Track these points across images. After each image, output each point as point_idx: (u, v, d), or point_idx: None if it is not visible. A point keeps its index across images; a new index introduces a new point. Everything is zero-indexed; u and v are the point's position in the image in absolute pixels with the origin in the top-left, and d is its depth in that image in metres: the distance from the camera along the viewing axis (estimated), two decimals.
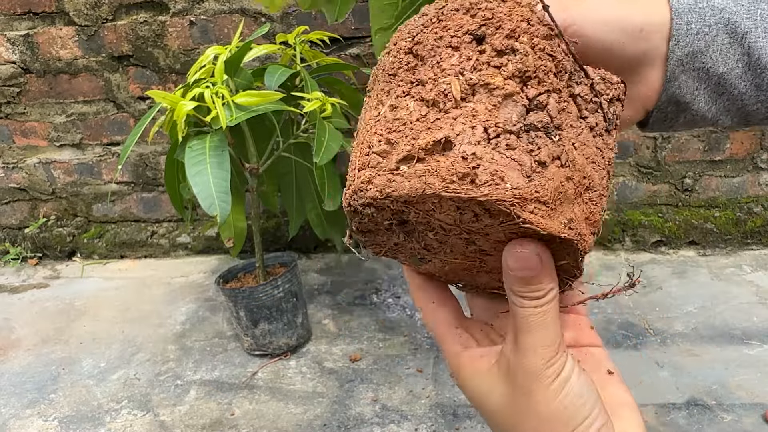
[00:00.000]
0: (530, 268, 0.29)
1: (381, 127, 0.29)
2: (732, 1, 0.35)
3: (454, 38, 0.29)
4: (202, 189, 1.14)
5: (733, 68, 0.36)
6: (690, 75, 0.36)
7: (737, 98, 0.37)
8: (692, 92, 0.37)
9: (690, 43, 0.35)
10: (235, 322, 1.53)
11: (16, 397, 1.48)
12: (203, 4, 1.83)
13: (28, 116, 2.07)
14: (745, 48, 0.35)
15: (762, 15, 0.34)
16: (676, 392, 1.30)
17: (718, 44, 0.35)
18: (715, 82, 0.36)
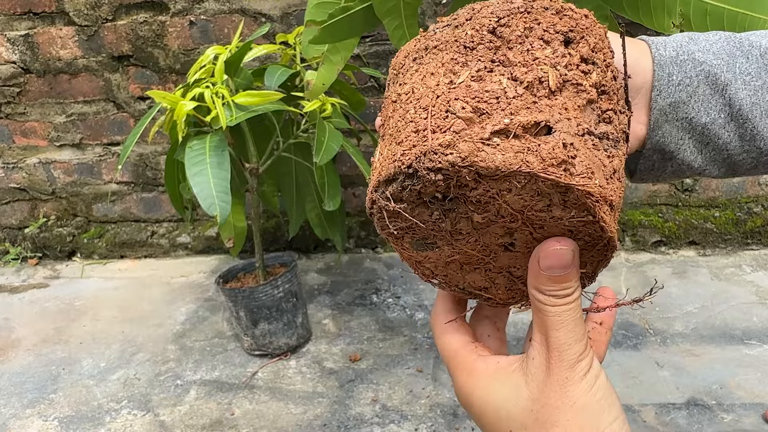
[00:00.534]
0: (564, 265, 0.31)
1: (463, 94, 0.29)
2: (712, 55, 0.36)
3: (546, 33, 0.30)
4: (202, 189, 1.14)
5: (715, 118, 0.37)
6: (673, 125, 0.37)
7: (722, 148, 0.38)
8: (677, 141, 0.38)
9: (672, 93, 0.37)
10: (235, 322, 1.53)
11: (16, 397, 1.48)
12: (203, 4, 1.83)
13: (28, 116, 2.07)
14: (726, 99, 0.36)
15: (740, 68, 0.36)
16: (676, 392, 1.30)
17: (699, 95, 0.36)
18: (699, 131, 0.37)
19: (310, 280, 1.91)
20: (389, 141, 0.31)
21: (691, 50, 0.37)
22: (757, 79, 0.36)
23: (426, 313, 1.67)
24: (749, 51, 0.36)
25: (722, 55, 0.36)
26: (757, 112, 0.36)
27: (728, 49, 0.37)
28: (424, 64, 0.32)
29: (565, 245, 0.31)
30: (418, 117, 0.29)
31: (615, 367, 1.39)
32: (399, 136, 0.30)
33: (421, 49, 0.33)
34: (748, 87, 0.36)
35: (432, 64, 0.31)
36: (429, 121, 0.29)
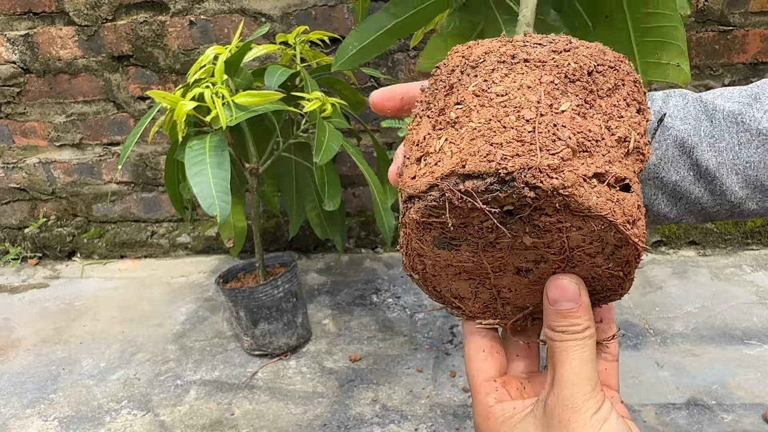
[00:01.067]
0: (570, 299, 0.32)
1: (570, 125, 0.29)
2: (680, 121, 0.39)
3: (629, 97, 0.33)
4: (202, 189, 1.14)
5: (685, 176, 0.39)
6: (646, 183, 0.40)
7: (695, 202, 0.40)
8: (649, 197, 0.40)
9: None
10: (235, 322, 1.53)
11: (16, 397, 1.48)
12: (203, 4, 1.83)
13: (28, 116, 2.07)
14: (693, 159, 0.39)
15: (705, 132, 0.39)
16: (676, 392, 1.30)
17: (668, 157, 0.39)
18: (670, 188, 0.40)
19: (310, 280, 1.91)
20: (472, 133, 0.30)
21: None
22: (720, 141, 0.38)
23: (426, 314, 1.67)
24: (713, 114, 0.39)
25: (689, 119, 0.39)
26: (724, 170, 0.38)
27: (694, 113, 0.39)
28: (517, 73, 0.32)
29: (572, 279, 0.32)
30: (521, 126, 0.29)
31: None
32: (492, 136, 0.29)
33: (507, 54, 0.33)
34: (713, 148, 0.38)
35: (529, 78, 0.31)
36: (536, 137, 0.29)
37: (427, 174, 0.30)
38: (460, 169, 0.29)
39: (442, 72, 0.35)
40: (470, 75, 0.33)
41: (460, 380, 1.39)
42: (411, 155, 0.32)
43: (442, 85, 0.34)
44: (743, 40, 1.65)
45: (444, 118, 0.32)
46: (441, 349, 1.52)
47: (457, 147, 0.30)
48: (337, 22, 1.79)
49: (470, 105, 0.31)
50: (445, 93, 0.33)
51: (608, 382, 0.37)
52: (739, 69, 1.69)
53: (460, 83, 0.33)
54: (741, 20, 1.63)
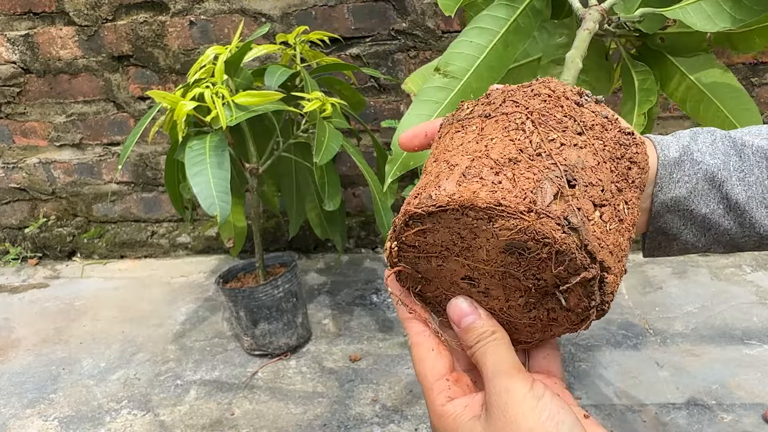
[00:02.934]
0: (469, 314, 0.36)
1: (598, 168, 0.33)
2: (710, 156, 0.41)
3: (621, 167, 0.35)
4: (202, 189, 1.14)
5: (714, 209, 0.41)
6: (675, 214, 0.41)
7: (724, 233, 0.41)
8: (678, 228, 0.42)
9: (672, 189, 0.41)
10: (235, 322, 1.53)
11: (16, 397, 1.48)
12: (203, 4, 1.83)
13: (28, 116, 2.07)
14: (723, 193, 0.40)
15: (734, 166, 0.40)
16: (676, 392, 1.30)
17: (698, 191, 0.41)
18: (699, 220, 0.41)
19: (310, 280, 1.91)
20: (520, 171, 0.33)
21: (691, 150, 0.41)
22: (749, 175, 0.40)
23: None
24: (742, 150, 0.40)
25: (718, 154, 0.40)
26: (753, 204, 0.40)
27: (723, 149, 0.41)
28: (563, 121, 0.36)
29: (464, 299, 0.36)
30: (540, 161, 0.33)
31: (615, 367, 1.39)
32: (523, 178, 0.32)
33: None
34: (742, 183, 0.40)
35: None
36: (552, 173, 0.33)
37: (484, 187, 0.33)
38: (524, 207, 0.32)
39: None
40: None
41: None
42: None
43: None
44: None
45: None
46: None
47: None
48: (337, 22, 1.79)
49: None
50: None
51: (550, 368, 0.39)
52: (739, 69, 1.69)
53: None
54: None
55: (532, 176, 0.31)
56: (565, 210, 0.30)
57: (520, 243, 0.31)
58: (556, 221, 0.30)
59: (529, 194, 0.30)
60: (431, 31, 1.76)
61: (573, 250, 0.30)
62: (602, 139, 0.34)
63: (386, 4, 1.76)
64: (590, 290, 0.32)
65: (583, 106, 0.35)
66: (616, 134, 0.35)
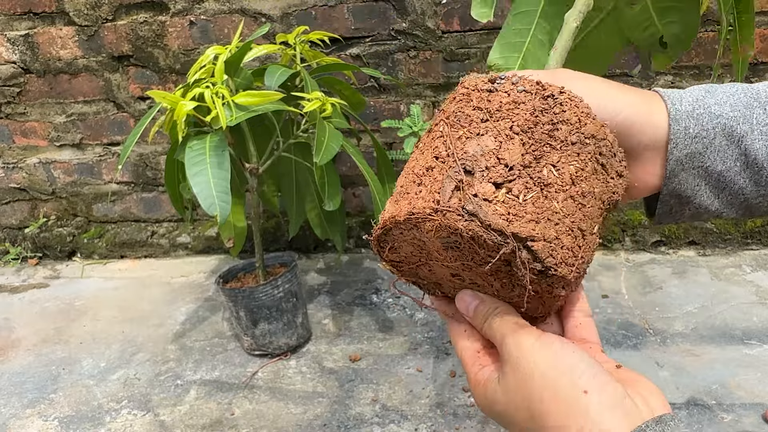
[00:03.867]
0: (473, 301, 0.39)
1: (502, 148, 0.35)
2: (729, 107, 0.38)
3: (539, 133, 0.36)
4: (202, 189, 1.14)
5: (731, 166, 0.39)
6: (690, 173, 0.39)
7: (738, 193, 0.39)
8: (693, 188, 0.40)
9: (688, 145, 0.38)
10: (235, 322, 1.53)
11: (16, 397, 1.48)
12: (203, 4, 1.83)
13: (28, 116, 2.07)
14: (741, 149, 0.38)
15: (758, 119, 0.37)
16: (676, 392, 1.30)
17: (715, 146, 0.38)
18: (715, 178, 0.39)
19: (310, 280, 1.91)
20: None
21: (707, 103, 0.38)
22: None
23: (426, 313, 1.67)
24: (766, 102, 0.38)
25: (739, 107, 0.38)
26: None
27: (745, 101, 0.38)
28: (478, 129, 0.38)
29: (465, 292, 0.39)
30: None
31: None
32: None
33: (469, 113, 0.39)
34: (764, 137, 0.37)
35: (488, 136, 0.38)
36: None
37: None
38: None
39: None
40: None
41: (460, 380, 1.39)
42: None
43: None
44: None
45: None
46: (441, 349, 1.52)
47: None
48: (337, 22, 1.79)
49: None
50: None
51: (584, 336, 0.39)
52: None
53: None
54: None
55: (439, 178, 0.34)
56: (461, 200, 0.33)
57: (446, 239, 0.34)
58: (456, 213, 0.32)
59: (435, 195, 0.33)
60: (431, 31, 1.76)
61: (480, 233, 0.32)
62: (511, 117, 0.35)
63: (386, 4, 1.76)
64: (523, 260, 0.33)
65: (497, 91, 0.36)
66: (534, 104, 0.35)
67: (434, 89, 1.84)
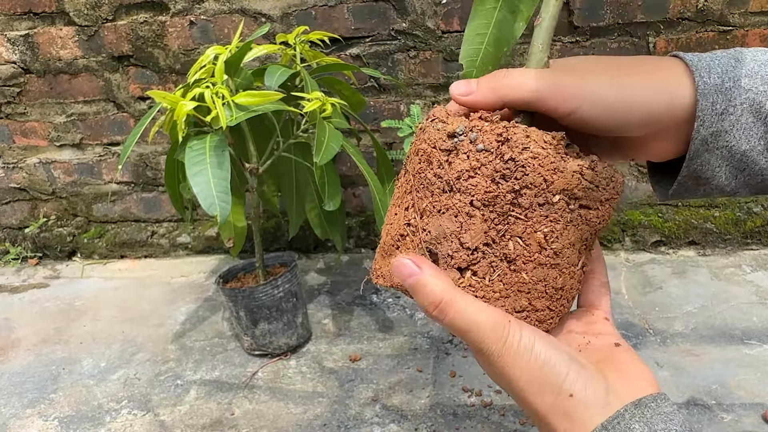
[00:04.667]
0: (410, 274, 0.34)
1: (463, 228, 0.35)
2: (760, 80, 0.35)
3: (501, 203, 0.35)
4: (202, 189, 1.14)
5: (755, 146, 0.36)
6: (713, 153, 0.37)
7: (758, 174, 0.37)
8: (713, 169, 0.37)
9: (714, 123, 0.35)
10: (235, 322, 1.53)
11: (16, 396, 1.48)
12: (203, 4, 1.83)
13: (28, 116, 2.08)
14: (767, 127, 0.35)
15: None
16: (676, 392, 1.30)
17: (742, 124, 0.35)
18: (737, 159, 0.37)
19: (310, 280, 1.92)
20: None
21: (737, 76, 0.35)
22: None
23: None
24: None
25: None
26: None
27: None
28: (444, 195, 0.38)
29: (402, 257, 0.35)
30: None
31: None
32: None
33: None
34: None
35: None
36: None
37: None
38: None
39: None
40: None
41: (460, 380, 1.39)
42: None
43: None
44: (743, 40, 1.66)
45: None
46: (441, 349, 1.52)
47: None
48: (337, 22, 1.79)
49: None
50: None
51: (595, 302, 0.39)
52: None
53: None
54: (741, 20, 1.63)
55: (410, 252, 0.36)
56: None
57: None
58: None
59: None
60: (431, 31, 1.76)
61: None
62: (470, 190, 0.33)
63: (386, 4, 1.76)
64: None
65: (456, 150, 0.34)
66: (495, 166, 0.33)
67: (434, 89, 1.84)
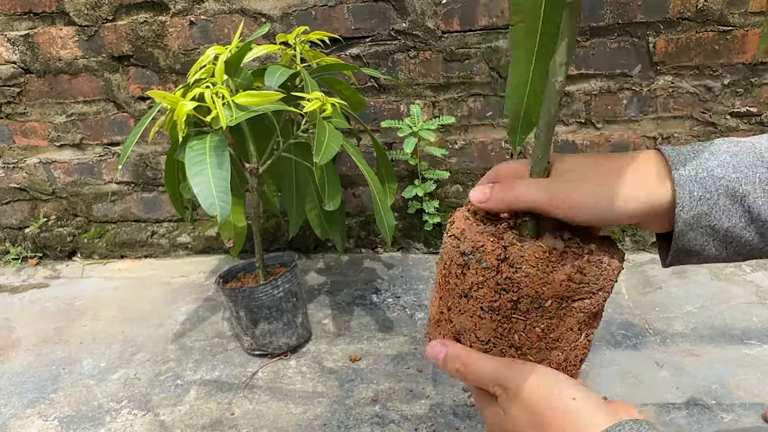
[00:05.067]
0: (434, 355, 0.46)
1: (477, 327, 0.44)
2: (731, 168, 0.40)
3: (504, 310, 0.43)
4: (202, 189, 1.14)
5: (736, 223, 0.40)
6: (697, 232, 0.41)
7: (745, 245, 0.41)
8: (701, 244, 0.42)
9: (694, 207, 0.40)
10: (235, 322, 1.53)
11: (16, 397, 1.48)
12: (203, 4, 1.83)
13: (29, 116, 2.08)
14: (745, 207, 0.40)
15: (760, 178, 0.39)
16: (676, 392, 1.30)
17: (720, 206, 0.40)
18: (722, 234, 0.41)
19: (310, 280, 1.92)
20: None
21: (710, 167, 0.40)
22: None
23: (425, 313, 1.67)
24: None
25: (741, 167, 0.40)
26: None
27: (748, 161, 0.40)
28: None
29: (434, 342, 0.46)
30: None
31: (615, 367, 1.39)
32: None
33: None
34: (766, 194, 0.40)
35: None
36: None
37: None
38: None
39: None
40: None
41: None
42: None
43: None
44: (743, 40, 1.66)
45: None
46: None
47: None
48: (337, 22, 1.79)
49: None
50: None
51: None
52: (739, 69, 1.69)
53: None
54: (741, 20, 1.63)
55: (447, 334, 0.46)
56: None
57: None
58: None
59: None
60: (431, 31, 1.76)
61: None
62: (479, 298, 0.42)
63: (386, 4, 1.76)
64: None
65: (468, 265, 0.42)
66: (497, 281, 0.41)
67: (434, 89, 1.84)
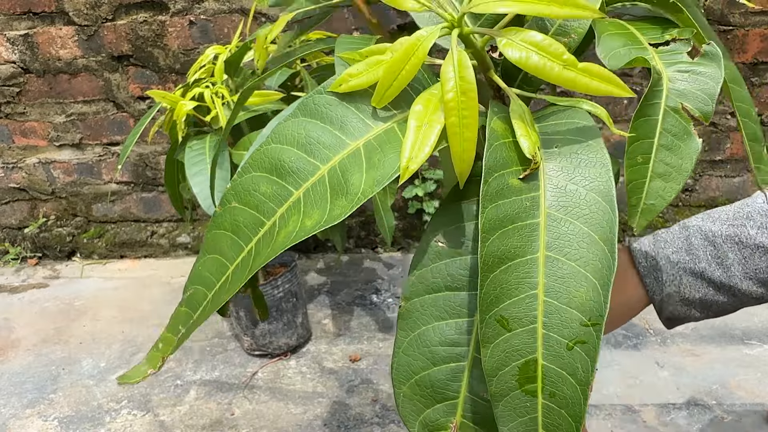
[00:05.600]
0: None
1: None
2: (685, 253, 0.47)
3: None
4: (202, 189, 1.14)
5: (706, 293, 0.47)
6: (676, 305, 0.48)
7: (723, 305, 0.48)
8: (684, 311, 0.49)
9: (663, 289, 0.47)
10: (235, 322, 1.53)
11: (16, 397, 1.48)
12: (203, 4, 1.83)
13: (28, 116, 2.07)
14: (707, 279, 0.46)
15: (707, 255, 0.46)
16: (676, 392, 1.30)
17: (685, 284, 0.47)
18: (698, 302, 0.47)
19: (310, 280, 1.92)
20: None
21: (665, 254, 0.47)
22: (725, 259, 0.46)
23: None
24: (714, 240, 0.46)
25: (692, 250, 0.47)
26: (737, 280, 0.46)
27: (697, 243, 0.47)
28: None
29: None
30: None
31: (615, 367, 1.39)
32: None
33: None
34: (721, 266, 0.46)
35: None
36: None
37: None
38: None
39: None
40: None
41: None
42: None
43: None
44: (743, 40, 1.66)
45: None
46: None
47: None
48: (337, 22, 1.79)
49: None
50: None
51: None
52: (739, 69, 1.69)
53: None
54: (741, 20, 1.63)
55: None
56: None
57: None
58: None
59: None
60: None
61: None
62: None
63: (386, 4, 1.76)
64: None
65: None
66: None
67: None
